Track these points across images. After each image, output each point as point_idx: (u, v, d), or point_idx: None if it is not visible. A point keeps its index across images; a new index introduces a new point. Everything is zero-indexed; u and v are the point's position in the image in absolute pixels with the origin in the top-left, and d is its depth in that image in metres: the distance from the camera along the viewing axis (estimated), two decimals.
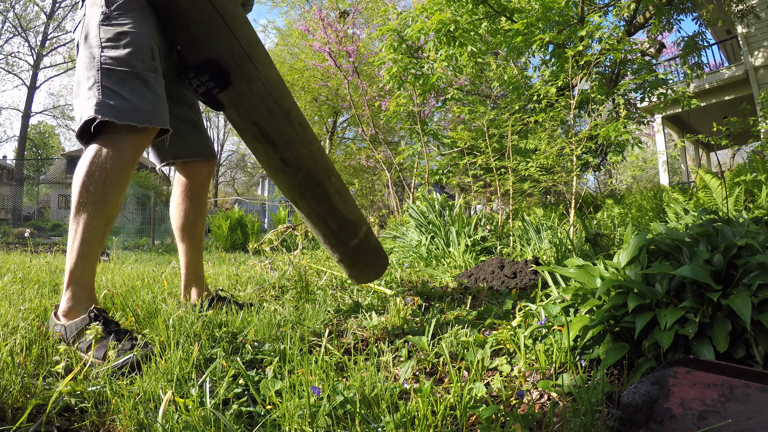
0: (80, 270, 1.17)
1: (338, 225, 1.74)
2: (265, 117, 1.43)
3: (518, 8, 5.51)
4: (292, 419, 0.79)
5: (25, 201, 22.15)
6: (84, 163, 1.16)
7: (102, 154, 1.15)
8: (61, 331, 1.14)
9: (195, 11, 1.25)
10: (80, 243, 1.15)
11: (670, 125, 12.54)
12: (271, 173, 1.59)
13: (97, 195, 1.15)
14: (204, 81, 1.28)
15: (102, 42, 1.17)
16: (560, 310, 1.25)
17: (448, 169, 7.05)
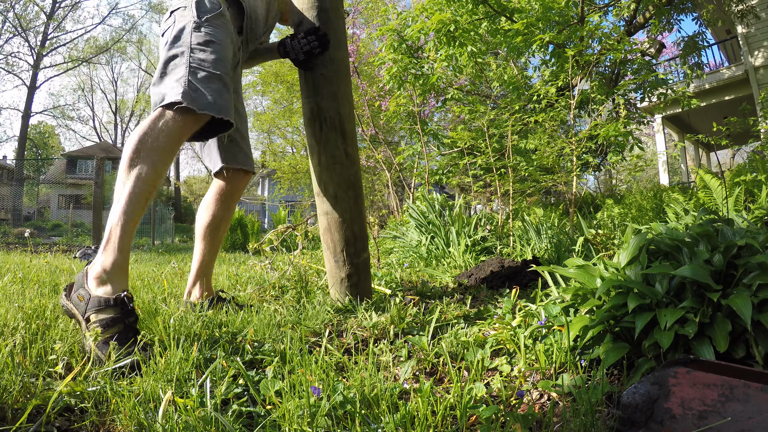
0: (122, 228, 1.20)
1: (360, 232, 1.83)
2: (342, 96, 1.73)
3: (518, 8, 5.51)
4: (291, 419, 0.79)
5: (25, 201, 22.14)
6: (146, 122, 1.27)
7: (168, 120, 1.27)
8: (84, 295, 1.14)
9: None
10: (126, 200, 1.20)
11: (670, 125, 12.54)
12: (330, 164, 1.75)
13: (151, 151, 1.24)
14: (311, 41, 1.65)
15: (192, 45, 1.38)
16: (560, 310, 1.25)
17: (448, 169, 7.05)
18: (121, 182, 1.22)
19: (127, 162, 1.22)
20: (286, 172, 12.39)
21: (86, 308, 1.12)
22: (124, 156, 1.23)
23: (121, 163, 1.24)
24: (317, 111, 1.72)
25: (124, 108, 36.89)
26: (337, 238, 1.80)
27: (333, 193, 1.77)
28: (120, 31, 27.02)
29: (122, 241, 1.20)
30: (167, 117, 1.27)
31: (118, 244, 1.19)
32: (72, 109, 31.92)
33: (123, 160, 1.23)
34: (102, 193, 6.58)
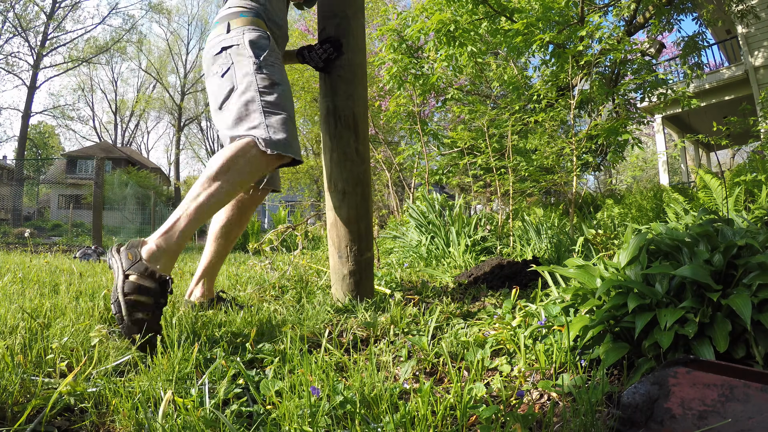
0: (190, 222, 1.29)
1: (366, 230, 1.88)
2: (357, 97, 1.82)
3: (518, 8, 5.51)
4: (292, 419, 0.79)
5: (25, 201, 22.13)
6: (234, 149, 1.36)
7: (255, 156, 1.38)
8: (135, 255, 1.20)
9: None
10: (203, 201, 1.31)
11: (670, 125, 12.54)
12: (341, 161, 1.81)
13: (235, 173, 1.35)
14: (326, 48, 1.77)
15: (260, 89, 1.45)
16: (560, 310, 1.25)
17: (448, 169, 7.05)
18: (201, 186, 1.32)
19: (212, 174, 1.33)
20: (286, 172, 12.38)
21: (131, 267, 1.17)
22: (210, 169, 1.34)
23: (205, 173, 1.34)
24: (333, 109, 1.81)
25: (124, 108, 36.90)
26: (343, 233, 1.85)
27: (342, 188, 1.83)
28: (120, 31, 27.02)
29: (185, 233, 1.28)
30: (254, 153, 1.38)
31: (180, 233, 1.27)
32: (72, 109, 31.91)
33: (208, 171, 1.34)
34: (102, 193, 6.58)
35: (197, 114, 34.66)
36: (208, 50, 1.57)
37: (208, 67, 1.56)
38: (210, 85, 1.53)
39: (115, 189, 13.40)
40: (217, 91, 1.49)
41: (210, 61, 1.54)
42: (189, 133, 35.86)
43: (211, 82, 1.53)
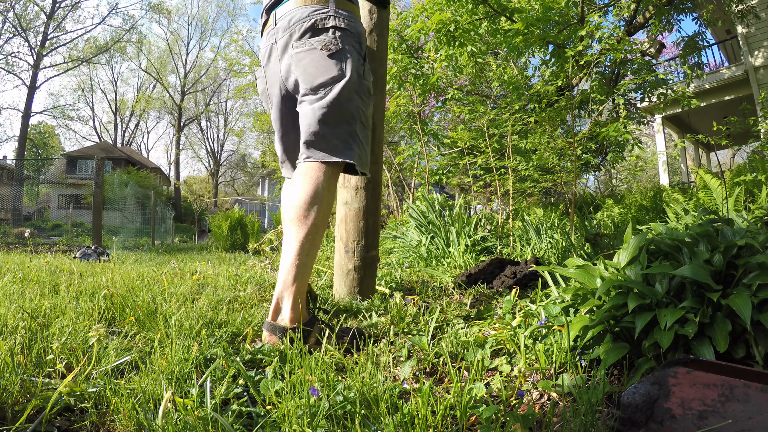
0: (303, 279, 1.27)
1: (373, 227, 1.97)
2: (377, 103, 1.85)
3: (518, 8, 5.51)
4: (291, 419, 0.79)
5: (25, 201, 22.14)
6: (323, 179, 1.29)
7: (334, 177, 1.34)
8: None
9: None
10: (295, 256, 1.26)
11: (670, 125, 12.54)
12: None
13: (326, 205, 1.29)
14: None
15: (361, 95, 1.37)
16: (560, 310, 1.25)
17: (448, 169, 7.05)
18: (295, 231, 1.27)
19: (305, 208, 1.28)
20: None
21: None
22: (303, 202, 1.28)
23: (301, 209, 1.28)
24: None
25: (124, 108, 36.89)
26: (351, 228, 1.94)
27: (354, 184, 1.95)
28: (120, 31, 27.01)
29: (302, 290, 1.28)
30: (334, 176, 1.34)
31: (302, 290, 1.28)
32: (72, 109, 31.92)
33: (302, 204, 1.28)
34: (102, 193, 6.58)
35: (197, 114, 34.64)
36: (307, 14, 1.34)
37: (305, 29, 1.33)
38: (315, 55, 1.32)
39: (115, 189, 13.40)
40: (315, 70, 1.32)
41: (316, 29, 1.33)
42: (189, 133, 35.85)
43: (321, 55, 1.32)
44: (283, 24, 1.38)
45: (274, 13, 1.42)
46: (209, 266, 3.03)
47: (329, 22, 1.34)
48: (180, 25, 42.87)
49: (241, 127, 32.19)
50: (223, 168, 38.51)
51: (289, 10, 1.38)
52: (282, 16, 1.39)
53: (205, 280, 2.25)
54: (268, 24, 1.46)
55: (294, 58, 1.36)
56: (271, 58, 1.44)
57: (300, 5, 1.37)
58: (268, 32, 1.46)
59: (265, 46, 1.47)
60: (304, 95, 1.35)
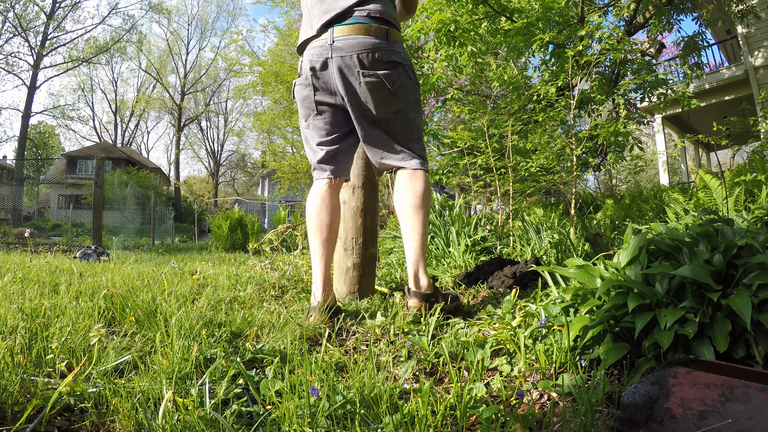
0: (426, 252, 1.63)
1: (371, 224, 2.00)
2: None
3: (518, 8, 5.50)
4: (291, 419, 0.79)
5: (25, 201, 22.13)
6: (426, 184, 1.64)
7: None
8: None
9: None
10: (422, 237, 1.60)
11: (670, 125, 12.54)
12: (355, 159, 1.89)
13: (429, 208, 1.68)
14: None
15: (420, 115, 1.71)
16: (560, 310, 1.25)
17: (448, 169, 7.05)
18: (414, 224, 1.60)
19: (424, 211, 1.61)
20: (286, 172, 12.37)
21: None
22: (420, 207, 1.60)
23: (418, 206, 1.60)
24: None
25: (124, 108, 36.88)
26: (350, 226, 1.98)
27: (352, 183, 1.98)
28: (120, 31, 27.00)
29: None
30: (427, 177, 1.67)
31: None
32: (72, 109, 31.89)
33: (421, 209, 1.60)
34: (102, 193, 6.58)
35: (197, 114, 34.62)
36: (379, 51, 1.54)
37: (376, 63, 1.55)
38: (383, 88, 1.56)
39: (115, 189, 13.40)
40: (401, 100, 1.61)
41: (383, 64, 1.56)
42: (189, 133, 35.83)
43: (383, 90, 1.56)
44: (343, 45, 1.55)
45: (332, 30, 1.57)
46: (209, 266, 3.04)
47: (390, 57, 1.57)
48: (180, 25, 42.84)
49: (241, 127, 32.14)
50: (223, 168, 38.51)
51: (354, 36, 1.55)
52: (343, 38, 1.56)
53: (205, 280, 2.25)
54: (321, 37, 1.59)
55: (362, 86, 1.56)
56: (325, 72, 1.59)
57: (363, 35, 1.55)
58: (321, 45, 1.58)
59: (316, 57, 1.58)
60: (378, 118, 1.61)
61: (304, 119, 1.70)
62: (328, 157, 1.68)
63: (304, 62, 1.64)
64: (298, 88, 1.68)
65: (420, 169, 1.64)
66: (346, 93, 1.57)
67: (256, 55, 13.21)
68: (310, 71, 1.60)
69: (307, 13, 1.69)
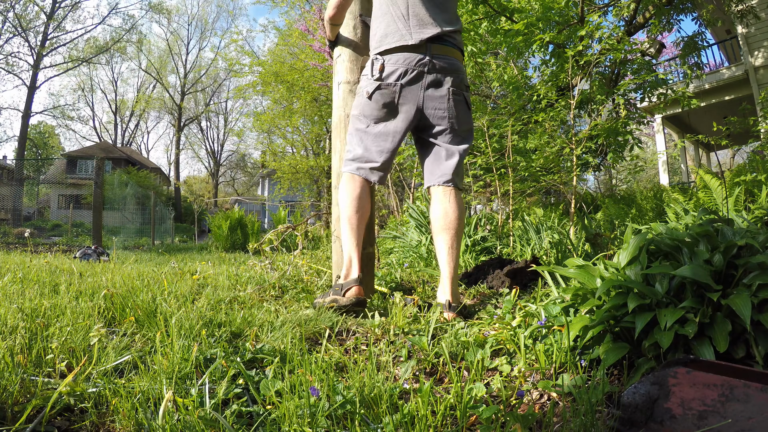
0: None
1: (369, 224, 1.97)
2: None
3: (518, 8, 5.50)
4: (291, 419, 0.79)
5: (25, 201, 22.13)
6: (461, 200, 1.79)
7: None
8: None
9: None
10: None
11: (670, 125, 12.54)
12: None
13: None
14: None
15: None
16: (560, 310, 1.25)
17: None
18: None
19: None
20: (286, 172, 12.36)
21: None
22: (462, 223, 1.75)
23: (460, 229, 1.74)
24: (344, 118, 2.01)
25: (124, 108, 36.87)
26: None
27: None
28: (120, 31, 26.99)
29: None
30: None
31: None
32: (72, 109, 31.87)
33: (460, 227, 1.74)
34: (102, 193, 6.58)
35: (197, 114, 34.62)
36: (463, 74, 1.75)
37: (463, 84, 1.75)
38: (465, 105, 1.75)
39: (115, 189, 13.41)
40: (471, 120, 1.80)
41: (466, 86, 1.76)
42: (189, 133, 35.81)
43: (465, 108, 1.76)
44: (441, 64, 1.69)
45: (429, 47, 1.69)
46: (209, 266, 3.04)
47: (467, 81, 1.78)
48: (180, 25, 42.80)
49: (241, 127, 32.11)
50: (223, 168, 38.50)
51: (450, 58, 1.72)
52: (441, 57, 1.70)
53: (205, 280, 2.24)
54: (416, 50, 1.68)
55: (450, 102, 1.71)
56: (416, 84, 1.69)
57: (458, 59, 1.75)
58: (418, 59, 1.68)
59: (410, 68, 1.68)
60: (450, 132, 1.74)
61: (373, 121, 1.76)
62: (384, 166, 1.77)
63: (392, 68, 1.69)
64: (382, 92, 1.71)
65: (462, 190, 1.80)
66: (434, 107, 1.70)
67: (256, 55, 13.20)
68: (404, 79, 1.68)
69: (391, 18, 1.74)
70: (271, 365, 1.05)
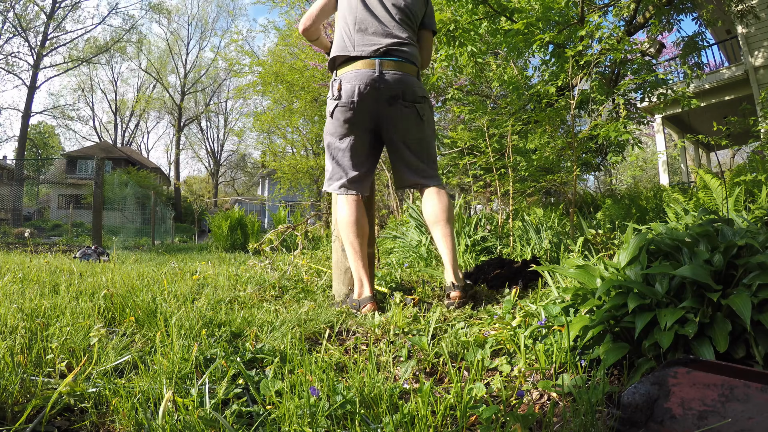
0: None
1: (369, 225, 1.98)
2: None
3: (518, 8, 5.50)
4: (291, 419, 0.79)
5: (25, 201, 22.13)
6: (450, 199, 1.91)
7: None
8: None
9: None
10: (454, 242, 1.88)
11: (670, 125, 12.53)
12: None
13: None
14: None
15: (435, 136, 1.98)
16: (560, 310, 1.25)
17: (448, 169, 7.04)
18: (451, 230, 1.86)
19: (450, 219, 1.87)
20: (286, 172, 12.35)
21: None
22: (449, 215, 1.86)
23: (449, 219, 1.85)
24: None
25: (124, 108, 36.86)
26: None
27: None
28: (120, 31, 26.98)
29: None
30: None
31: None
32: (72, 109, 31.87)
33: (449, 218, 1.85)
34: (102, 193, 6.57)
35: (197, 114, 34.60)
36: (416, 87, 1.82)
37: (414, 96, 1.82)
38: (416, 117, 1.84)
39: (115, 189, 13.40)
40: (427, 129, 1.88)
41: (418, 98, 1.83)
42: (189, 133, 35.79)
43: (417, 119, 1.84)
44: (390, 78, 1.77)
45: (380, 62, 1.76)
46: (209, 266, 3.03)
47: (422, 92, 1.85)
48: (180, 25, 42.78)
49: (241, 127, 32.06)
50: (223, 168, 38.49)
51: (399, 72, 1.78)
52: (391, 72, 1.77)
53: (205, 280, 2.24)
54: (368, 66, 1.75)
55: (402, 114, 1.80)
56: (371, 98, 1.76)
57: (409, 73, 1.81)
58: (369, 75, 1.74)
59: (363, 84, 1.75)
60: (404, 143, 1.86)
61: (338, 138, 1.84)
62: (359, 178, 1.87)
63: (348, 85, 1.76)
64: (340, 109, 1.79)
65: (442, 187, 1.91)
66: (388, 119, 1.80)
67: (256, 55, 13.19)
68: (357, 96, 1.74)
69: (346, 36, 1.82)
70: (271, 365, 1.05)
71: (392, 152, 1.92)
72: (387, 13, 1.84)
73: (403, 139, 1.85)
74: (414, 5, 1.90)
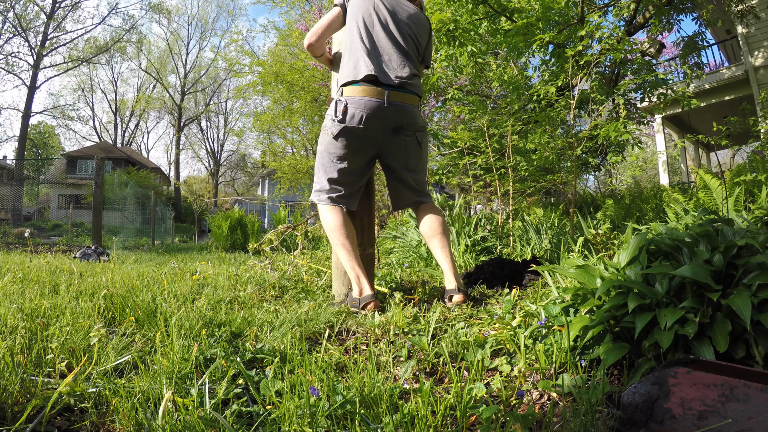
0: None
1: (368, 225, 2.07)
2: None
3: (518, 8, 5.50)
4: (291, 419, 0.79)
5: (25, 201, 22.13)
6: (443, 213, 2.10)
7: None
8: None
9: None
10: (451, 250, 2.04)
11: (670, 125, 12.53)
12: None
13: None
14: None
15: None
16: (560, 310, 1.25)
17: (448, 169, 7.04)
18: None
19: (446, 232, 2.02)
20: (286, 172, 12.36)
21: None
22: (445, 227, 2.01)
23: (444, 231, 1.99)
24: None
25: (124, 108, 36.85)
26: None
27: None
28: (120, 31, 26.97)
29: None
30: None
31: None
32: (72, 109, 31.86)
33: (445, 230, 2.00)
34: (102, 193, 6.57)
35: (197, 114, 34.59)
36: (417, 117, 1.92)
37: (416, 127, 1.92)
38: (416, 145, 1.96)
39: (115, 189, 13.40)
40: (424, 154, 2.03)
41: (419, 127, 1.94)
42: (189, 133, 35.77)
43: (417, 147, 1.97)
44: (396, 109, 1.84)
45: (388, 93, 1.81)
46: (209, 266, 3.03)
47: (422, 122, 1.96)
48: (180, 25, 42.82)
49: (241, 127, 32.06)
50: (223, 168, 38.48)
51: (404, 104, 1.86)
52: (397, 103, 1.84)
53: (205, 280, 2.24)
54: (377, 94, 1.80)
55: (404, 141, 1.91)
56: (377, 125, 1.83)
57: (413, 104, 1.90)
58: (378, 104, 1.79)
59: (370, 111, 1.80)
60: (405, 167, 1.98)
61: (335, 158, 1.88)
62: (349, 195, 1.94)
63: (355, 110, 1.79)
64: (342, 133, 1.82)
65: (434, 201, 2.08)
66: (390, 148, 1.89)
67: (256, 55, 13.20)
68: (363, 124, 1.79)
69: (361, 58, 1.84)
70: (271, 365, 1.05)
71: (392, 177, 2.02)
72: (404, 41, 1.90)
73: (405, 165, 1.97)
74: (421, 37, 1.99)
